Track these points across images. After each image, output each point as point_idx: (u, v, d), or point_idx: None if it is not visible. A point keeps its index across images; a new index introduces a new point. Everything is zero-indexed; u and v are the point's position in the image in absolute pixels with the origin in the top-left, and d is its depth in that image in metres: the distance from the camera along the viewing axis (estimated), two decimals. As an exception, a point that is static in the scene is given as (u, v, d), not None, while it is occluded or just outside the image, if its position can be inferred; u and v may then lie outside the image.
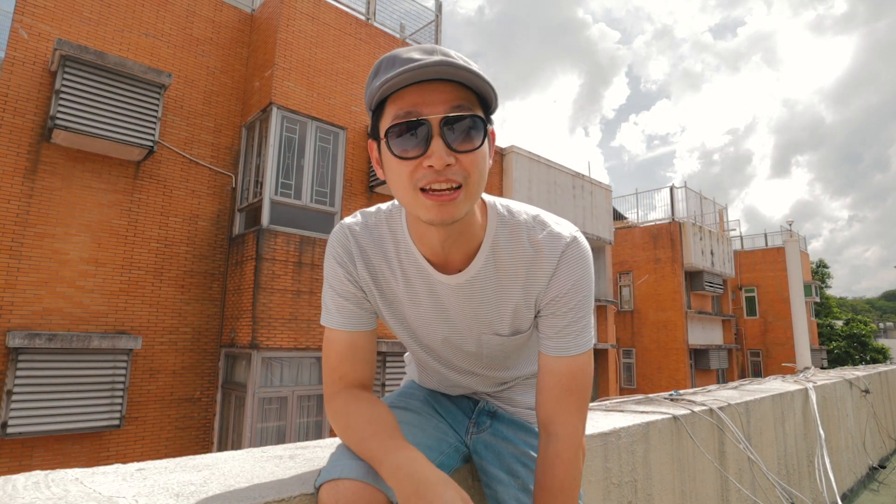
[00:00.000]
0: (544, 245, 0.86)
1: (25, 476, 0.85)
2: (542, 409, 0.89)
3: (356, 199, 8.55)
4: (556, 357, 0.88)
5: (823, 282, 38.17)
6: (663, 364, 18.28)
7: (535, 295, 0.89)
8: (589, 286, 0.88)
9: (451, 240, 0.84)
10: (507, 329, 0.94)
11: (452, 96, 0.72)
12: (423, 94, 0.71)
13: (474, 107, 0.74)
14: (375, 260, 0.91)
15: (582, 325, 0.88)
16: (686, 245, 18.21)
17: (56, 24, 6.96)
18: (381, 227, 0.91)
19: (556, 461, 0.85)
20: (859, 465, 4.92)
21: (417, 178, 0.72)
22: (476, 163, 0.74)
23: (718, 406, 2.46)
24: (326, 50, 8.56)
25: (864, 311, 74.58)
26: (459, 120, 0.71)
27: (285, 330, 7.34)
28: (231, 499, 0.80)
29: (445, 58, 0.70)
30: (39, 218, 6.58)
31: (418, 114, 0.71)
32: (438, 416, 1.05)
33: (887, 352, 31.22)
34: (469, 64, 0.72)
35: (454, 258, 0.87)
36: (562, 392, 0.87)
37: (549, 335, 0.89)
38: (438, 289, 0.89)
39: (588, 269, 0.87)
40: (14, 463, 6.07)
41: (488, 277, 0.88)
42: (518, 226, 0.88)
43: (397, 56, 0.73)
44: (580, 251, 0.87)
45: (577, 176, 13.92)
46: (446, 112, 0.71)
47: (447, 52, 0.72)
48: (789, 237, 14.72)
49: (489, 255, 0.87)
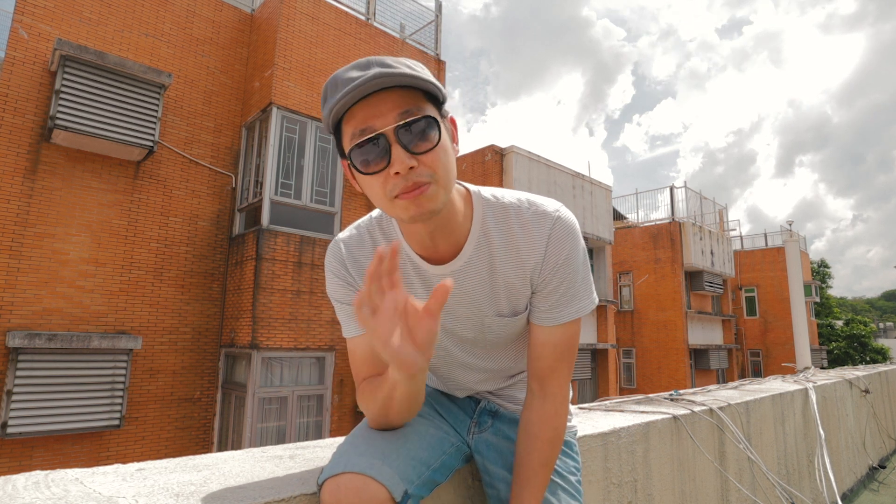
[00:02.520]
0: (532, 224, 0.90)
1: (25, 476, 0.85)
2: (537, 371, 0.94)
3: (356, 199, 8.55)
4: (551, 327, 0.93)
5: (824, 282, 38.17)
6: (663, 364, 18.28)
7: (528, 273, 0.92)
8: (579, 257, 0.91)
9: (438, 231, 0.87)
10: (507, 309, 0.96)
11: (399, 103, 0.74)
12: (371, 108, 0.74)
13: (423, 105, 0.76)
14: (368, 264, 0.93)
15: (573, 292, 0.92)
16: (686, 245, 18.21)
17: (56, 24, 6.96)
18: (374, 233, 0.95)
19: (555, 418, 0.92)
20: (859, 464, 4.92)
21: (389, 189, 0.75)
22: (438, 158, 0.76)
23: (718, 406, 2.46)
24: (326, 50, 8.56)
25: (864, 311, 74.58)
26: (411, 124, 0.74)
27: (285, 330, 7.34)
28: (231, 499, 0.80)
29: (381, 69, 0.73)
30: (39, 218, 6.58)
31: (372, 129, 0.74)
32: (440, 417, 1.05)
33: (887, 352, 31.22)
34: (405, 68, 0.74)
35: (443, 249, 0.90)
36: (556, 359, 0.93)
37: (542, 308, 0.93)
38: (433, 280, 0.92)
39: (577, 240, 0.91)
40: (14, 463, 6.07)
41: (481, 262, 0.91)
42: (505, 209, 0.91)
43: (338, 78, 0.76)
44: (567, 225, 0.90)
45: (577, 176, 13.93)
46: (397, 121, 0.74)
47: (383, 62, 0.75)
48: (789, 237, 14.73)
49: (480, 240, 0.90)
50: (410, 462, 0.83)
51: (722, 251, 20.15)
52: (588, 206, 14.18)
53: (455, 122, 0.86)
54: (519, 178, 12.09)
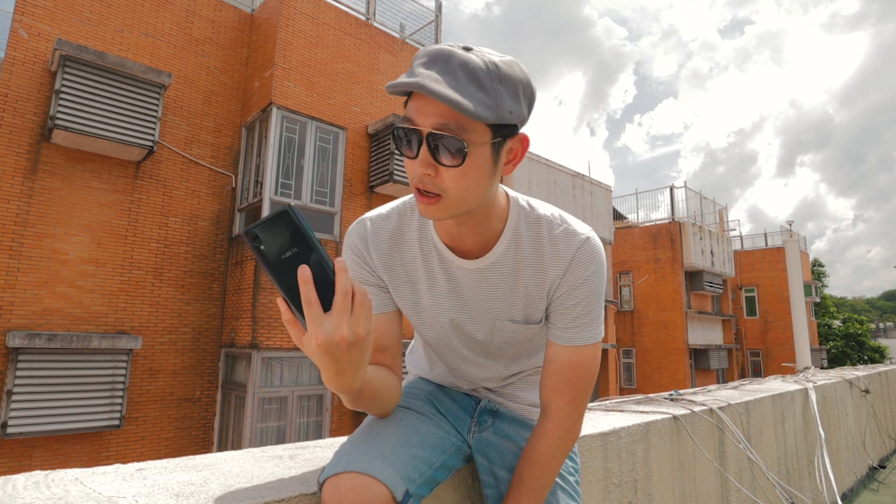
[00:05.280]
0: (561, 240, 0.91)
1: (25, 476, 0.85)
2: (541, 392, 0.95)
3: (356, 199, 8.55)
4: (561, 346, 0.93)
5: (820, 281, 38.23)
6: (663, 364, 18.28)
7: (547, 286, 0.93)
8: (600, 283, 0.93)
9: (466, 227, 0.89)
10: (521, 316, 0.97)
11: (442, 113, 0.74)
12: (421, 103, 0.75)
13: (464, 124, 0.74)
14: (392, 246, 0.96)
15: (590, 318, 0.92)
16: (686, 245, 18.21)
17: (56, 24, 6.96)
18: (404, 215, 0.97)
19: (541, 437, 0.93)
20: (859, 464, 4.92)
21: (412, 177, 0.79)
22: (456, 178, 0.76)
23: (718, 406, 2.46)
24: (326, 50, 8.56)
25: (863, 310, 74.62)
26: (441, 138, 0.74)
27: (285, 330, 7.33)
28: (231, 499, 0.80)
29: (435, 76, 0.71)
30: (39, 218, 6.58)
31: (413, 122, 0.75)
32: (440, 416, 1.05)
33: (885, 351, 31.20)
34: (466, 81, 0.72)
35: (470, 244, 0.91)
36: (559, 380, 0.93)
37: (558, 325, 0.94)
38: (457, 273, 0.94)
39: (601, 267, 0.92)
40: (14, 463, 6.07)
41: (507, 264, 0.93)
42: (538, 219, 0.93)
43: (415, 58, 0.78)
44: (594, 249, 0.92)
45: (576, 176, 13.93)
46: (432, 127, 0.74)
47: (450, 67, 0.73)
48: (789, 237, 14.73)
49: (510, 243, 0.92)
50: (411, 461, 0.83)
51: (722, 251, 20.15)
52: (588, 206, 14.18)
53: (527, 141, 0.82)
54: (519, 178, 12.08)
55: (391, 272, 0.97)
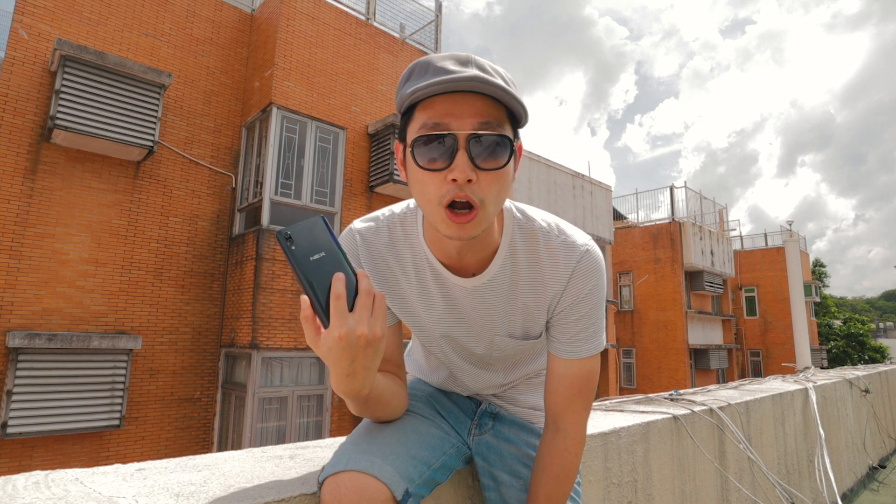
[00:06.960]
0: (559, 253, 0.87)
1: (25, 476, 0.85)
2: (551, 406, 0.93)
3: (356, 199, 8.55)
4: (567, 360, 0.91)
5: (821, 281, 38.23)
6: (663, 364, 18.28)
7: (547, 301, 0.90)
8: (601, 295, 0.90)
9: (468, 248, 0.84)
10: (520, 332, 0.95)
11: (482, 111, 0.71)
12: (452, 106, 0.71)
13: (503, 122, 0.73)
14: (384, 261, 0.92)
15: (593, 330, 0.90)
16: (686, 245, 18.21)
17: (56, 24, 6.96)
18: (394, 230, 0.91)
19: (564, 454, 0.90)
20: (859, 464, 4.92)
21: (443, 194, 0.72)
22: (496, 182, 0.73)
23: (718, 406, 2.46)
24: (326, 50, 8.56)
25: (863, 310, 74.61)
26: (486, 137, 0.71)
27: (285, 330, 7.34)
28: (231, 499, 0.80)
29: (479, 73, 0.70)
30: (39, 218, 6.58)
31: (446, 126, 0.70)
32: (440, 418, 1.05)
33: (885, 351, 31.20)
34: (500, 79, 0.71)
35: (469, 262, 0.87)
36: (572, 394, 0.91)
37: (561, 339, 0.91)
38: (454, 291, 0.90)
39: (601, 278, 0.89)
40: (14, 463, 6.07)
41: (504, 281, 0.89)
42: (534, 231, 0.89)
43: (432, 63, 0.73)
44: (594, 261, 0.88)
45: (576, 176, 13.93)
46: (474, 127, 0.70)
47: (482, 65, 0.72)
48: (789, 237, 14.73)
49: (506, 258, 0.88)
50: (411, 461, 0.83)
51: (722, 251, 20.15)
52: (588, 206, 14.18)
53: (521, 150, 0.81)
54: (519, 178, 12.08)
55: (383, 288, 0.93)
